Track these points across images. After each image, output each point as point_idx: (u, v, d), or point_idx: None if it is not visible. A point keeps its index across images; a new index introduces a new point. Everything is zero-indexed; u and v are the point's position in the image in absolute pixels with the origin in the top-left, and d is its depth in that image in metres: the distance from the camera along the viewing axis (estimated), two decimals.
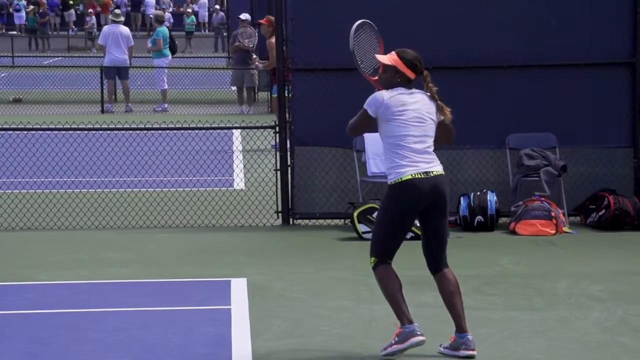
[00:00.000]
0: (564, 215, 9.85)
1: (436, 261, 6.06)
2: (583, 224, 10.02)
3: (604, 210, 9.85)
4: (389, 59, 6.00)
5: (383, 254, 5.99)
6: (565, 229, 9.72)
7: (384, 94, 5.96)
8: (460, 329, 5.98)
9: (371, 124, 6.05)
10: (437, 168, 5.97)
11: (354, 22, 10.30)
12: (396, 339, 5.91)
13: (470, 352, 5.93)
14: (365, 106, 6.00)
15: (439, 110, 6.01)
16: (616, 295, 7.51)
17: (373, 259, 6.00)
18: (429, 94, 6.01)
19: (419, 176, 5.91)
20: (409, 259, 6.86)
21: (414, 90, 6.00)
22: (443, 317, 6.40)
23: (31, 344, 6.37)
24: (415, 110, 5.93)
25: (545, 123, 10.21)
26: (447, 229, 6.12)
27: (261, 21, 16.86)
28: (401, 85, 5.98)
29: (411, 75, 5.98)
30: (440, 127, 6.07)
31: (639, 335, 6.53)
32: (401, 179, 5.91)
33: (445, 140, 6.17)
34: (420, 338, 5.88)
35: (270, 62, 15.40)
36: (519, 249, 9.13)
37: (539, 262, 8.70)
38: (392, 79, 5.99)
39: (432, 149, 6.00)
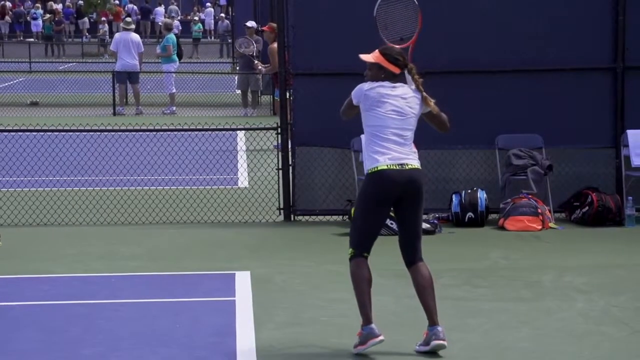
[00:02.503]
0: (550, 211, 9.83)
1: (410, 254, 5.92)
2: (568, 220, 10.01)
3: (587, 207, 9.84)
4: (372, 56, 5.96)
5: (358, 245, 5.87)
6: (551, 224, 9.71)
7: (365, 85, 5.94)
8: (432, 321, 5.87)
9: (356, 110, 6.02)
10: (412, 162, 5.86)
11: (351, 29, 10.33)
12: (358, 340, 5.84)
13: (440, 342, 5.80)
14: (352, 94, 6.01)
15: (424, 101, 5.95)
16: (599, 287, 7.49)
17: (351, 250, 5.89)
18: (413, 86, 5.95)
19: (394, 167, 5.81)
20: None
21: (397, 84, 5.93)
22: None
23: (46, 333, 6.36)
24: (394, 103, 5.86)
25: (532, 125, 10.20)
26: (421, 223, 5.95)
27: (264, 28, 16.83)
28: (386, 79, 5.93)
29: (395, 70, 5.93)
30: (430, 117, 6.02)
31: (621, 325, 6.52)
32: (376, 167, 5.83)
33: (440, 128, 6.08)
34: (379, 338, 5.79)
35: (272, 67, 15.38)
36: (508, 243, 9.11)
37: (527, 256, 8.69)
38: (377, 75, 5.95)
39: (411, 142, 5.90)
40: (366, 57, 5.98)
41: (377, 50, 6.00)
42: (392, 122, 5.85)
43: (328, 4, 10.13)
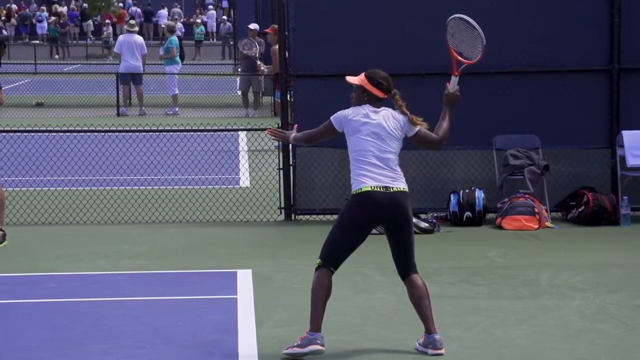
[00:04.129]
0: (546, 211, 9.83)
1: (404, 268, 5.88)
2: (564, 219, 10.01)
3: (583, 207, 9.84)
4: (357, 79, 5.92)
5: (328, 258, 5.78)
6: (548, 224, 9.71)
7: (348, 111, 5.88)
8: (428, 330, 5.84)
9: (330, 135, 5.93)
10: (398, 184, 5.80)
11: (351, 32, 10.33)
12: (299, 342, 5.76)
13: (438, 352, 5.79)
14: (331, 118, 5.90)
15: (411, 122, 5.88)
16: (595, 285, 7.49)
17: (319, 260, 5.80)
18: (398, 110, 5.89)
19: (379, 189, 5.74)
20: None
21: (381, 108, 5.86)
22: (434, 305, 6.38)
23: (53, 330, 6.36)
24: (376, 126, 5.80)
25: (529, 125, 10.19)
26: (411, 241, 5.86)
27: (267, 30, 16.82)
28: (369, 102, 5.88)
29: (379, 94, 5.88)
30: (419, 139, 5.93)
31: (616, 322, 6.52)
32: (361, 189, 5.76)
33: (434, 147, 6.03)
34: (320, 348, 5.70)
35: (274, 68, 15.38)
36: (505, 242, 9.11)
37: (523, 254, 8.69)
38: (360, 97, 5.91)
39: (395, 164, 5.82)
40: (352, 80, 5.94)
41: (362, 74, 5.94)
42: (371, 146, 5.79)
43: (328, 7, 10.13)
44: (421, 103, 10.10)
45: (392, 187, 5.78)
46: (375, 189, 5.75)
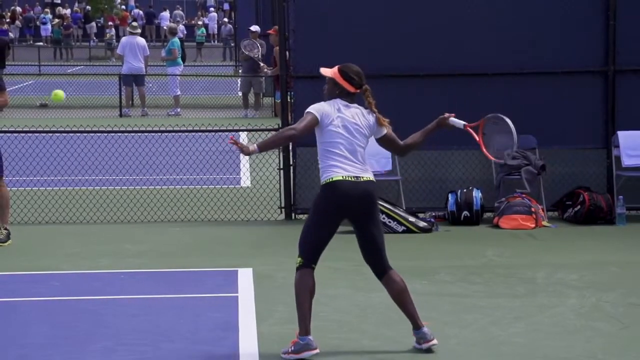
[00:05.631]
0: (543, 210, 9.83)
1: (378, 265, 5.81)
2: (560, 218, 10.00)
3: (579, 206, 9.83)
4: (330, 71, 5.88)
5: (309, 256, 5.72)
6: (544, 223, 9.70)
7: (324, 104, 5.82)
8: (416, 325, 5.80)
9: (314, 126, 5.78)
10: (367, 175, 5.76)
11: (351, 33, 10.32)
12: (292, 347, 5.72)
13: (431, 343, 5.77)
14: (311, 110, 5.77)
15: (378, 122, 5.84)
16: (590, 284, 7.48)
17: (300, 259, 5.74)
18: (367, 109, 5.85)
19: (349, 179, 5.70)
20: (401, 249, 6.83)
21: (353, 105, 5.83)
22: (433, 303, 6.39)
23: (56, 328, 6.35)
24: (347, 121, 5.75)
25: (526, 126, 10.16)
26: (381, 234, 5.81)
27: (270, 31, 16.79)
28: (340, 97, 5.83)
29: (350, 88, 5.82)
30: (386, 140, 5.89)
31: (612, 320, 6.51)
32: (332, 179, 5.70)
33: (395, 153, 5.98)
34: (314, 351, 5.69)
35: (276, 69, 15.37)
36: (502, 241, 9.10)
37: (520, 253, 8.68)
38: (332, 90, 5.86)
39: (364, 159, 5.78)
40: (325, 72, 5.90)
41: (336, 67, 5.89)
42: (341, 138, 5.73)
43: (328, 8, 10.13)
44: (418, 104, 10.18)
45: (362, 177, 5.74)
46: (346, 179, 5.70)
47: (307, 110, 5.81)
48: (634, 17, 10.09)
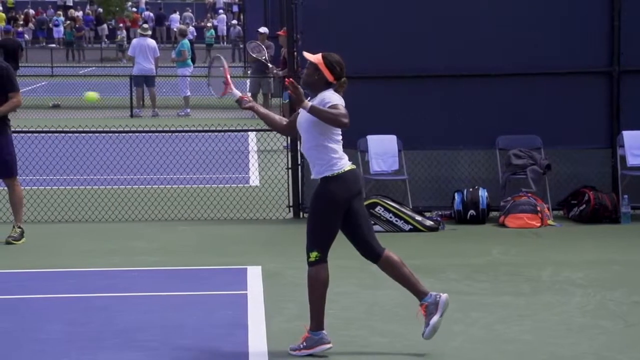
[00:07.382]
0: (548, 209, 9.81)
1: (374, 249, 5.72)
2: (566, 217, 9.98)
3: (584, 205, 9.81)
4: (314, 57, 5.76)
5: (325, 248, 5.61)
6: (550, 222, 9.69)
7: (337, 96, 5.69)
8: (423, 294, 5.67)
9: None
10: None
11: (358, 35, 10.31)
12: (304, 343, 5.66)
13: (444, 297, 5.62)
14: (337, 102, 5.60)
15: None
16: (595, 282, 7.47)
17: (315, 253, 5.60)
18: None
19: (354, 167, 5.75)
20: (407, 247, 6.82)
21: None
22: None
23: (70, 325, 6.36)
24: None
25: (531, 126, 10.18)
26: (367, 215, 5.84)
27: (279, 33, 16.79)
28: (319, 83, 5.68)
29: (329, 76, 5.68)
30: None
31: (616, 319, 6.50)
32: (344, 169, 5.65)
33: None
34: (328, 345, 5.65)
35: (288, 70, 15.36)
36: (508, 240, 9.09)
37: (526, 252, 8.67)
38: (311, 75, 5.72)
39: None
40: (308, 56, 5.78)
41: (320, 54, 5.78)
42: (340, 129, 5.71)
43: (336, 10, 10.12)
44: (425, 105, 10.18)
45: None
46: (353, 166, 5.74)
47: (335, 102, 5.60)
48: (638, 17, 10.07)
